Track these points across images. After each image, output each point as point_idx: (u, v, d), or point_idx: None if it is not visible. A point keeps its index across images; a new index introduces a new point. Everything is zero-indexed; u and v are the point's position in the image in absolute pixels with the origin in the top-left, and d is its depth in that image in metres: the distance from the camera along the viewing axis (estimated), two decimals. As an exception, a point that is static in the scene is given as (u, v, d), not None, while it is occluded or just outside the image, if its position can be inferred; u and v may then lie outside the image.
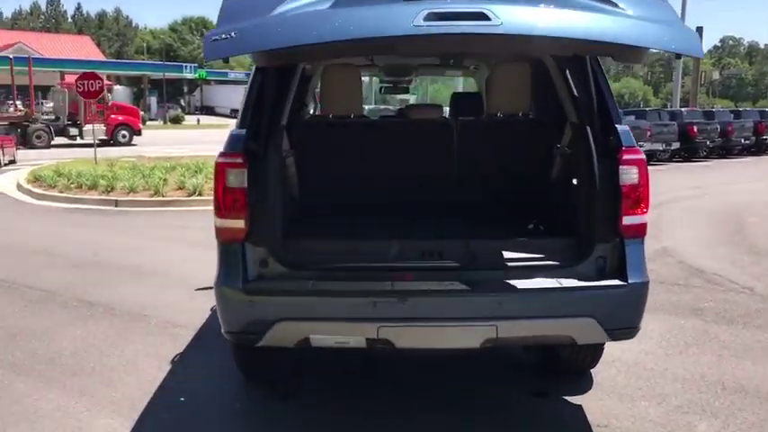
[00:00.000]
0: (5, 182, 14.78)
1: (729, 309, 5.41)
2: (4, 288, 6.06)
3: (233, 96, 46.87)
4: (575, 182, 3.43)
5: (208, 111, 59.48)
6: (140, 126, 30.32)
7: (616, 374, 4.02)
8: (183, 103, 60.03)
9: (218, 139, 3.23)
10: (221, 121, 44.04)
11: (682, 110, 25.76)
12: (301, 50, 2.57)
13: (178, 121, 48.52)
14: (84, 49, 53.02)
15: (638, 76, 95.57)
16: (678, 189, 13.05)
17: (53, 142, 26.70)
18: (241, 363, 3.76)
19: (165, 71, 51.27)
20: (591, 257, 3.08)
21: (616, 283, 3.01)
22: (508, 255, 3.24)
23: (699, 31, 23.90)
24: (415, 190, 4.09)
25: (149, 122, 42.52)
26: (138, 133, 29.49)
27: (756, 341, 4.68)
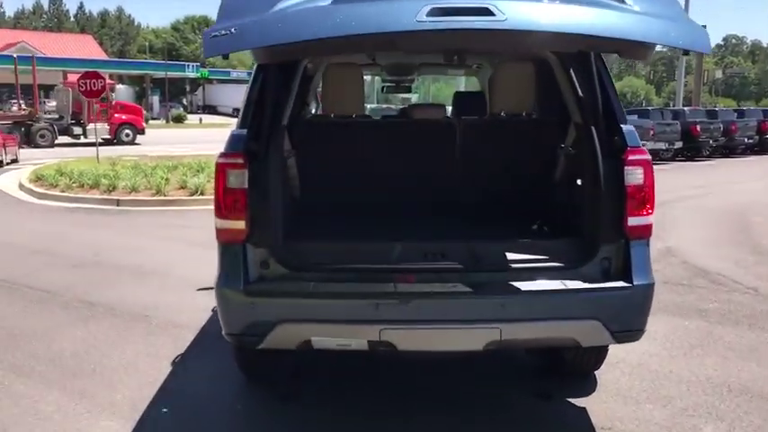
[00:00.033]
0: (7, 181, 14.79)
1: (734, 309, 5.37)
2: (4, 288, 6.05)
3: (235, 95, 46.80)
4: (579, 182, 3.40)
5: (210, 110, 59.54)
6: (144, 125, 30.32)
7: (620, 376, 3.99)
8: (185, 103, 60.16)
9: (221, 138, 3.20)
10: (223, 120, 44.06)
11: (684, 109, 25.71)
12: (302, 47, 2.54)
13: (180, 120, 48.54)
14: (87, 48, 52.99)
15: (641, 74, 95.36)
16: (681, 188, 13.00)
17: (57, 141, 26.73)
18: (242, 363, 3.75)
19: (167, 70, 51.21)
20: (595, 259, 3.05)
21: (621, 284, 2.98)
22: (512, 256, 3.20)
23: (702, 29, 23.80)
24: (418, 190, 4.06)
25: (152, 121, 42.55)
26: (142, 132, 29.47)
27: (761, 342, 4.64)
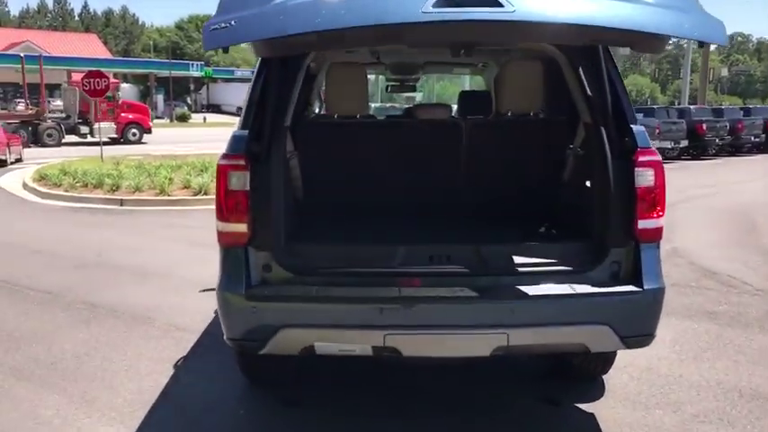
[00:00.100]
0: (11, 180, 14.79)
1: (744, 312, 5.29)
2: (5, 290, 6.00)
3: (239, 94, 46.59)
4: (588, 184, 3.32)
5: (214, 109, 59.49)
6: (150, 124, 30.34)
7: (628, 381, 3.92)
8: (189, 101, 60.10)
9: (225, 137, 3.15)
10: (227, 119, 43.99)
11: (690, 107, 25.60)
12: (303, 39, 2.47)
13: (185, 119, 48.55)
14: (91, 47, 53.05)
15: (646, 73, 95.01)
16: (688, 188, 12.89)
17: (64, 140, 26.79)
18: (245, 367, 3.69)
19: (171, 69, 51.29)
20: (605, 262, 2.98)
21: (631, 289, 2.91)
22: (519, 259, 3.14)
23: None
24: (423, 192, 3.99)
25: (156, 120, 42.45)
26: (149, 131, 29.53)
27: (772, 346, 4.56)
